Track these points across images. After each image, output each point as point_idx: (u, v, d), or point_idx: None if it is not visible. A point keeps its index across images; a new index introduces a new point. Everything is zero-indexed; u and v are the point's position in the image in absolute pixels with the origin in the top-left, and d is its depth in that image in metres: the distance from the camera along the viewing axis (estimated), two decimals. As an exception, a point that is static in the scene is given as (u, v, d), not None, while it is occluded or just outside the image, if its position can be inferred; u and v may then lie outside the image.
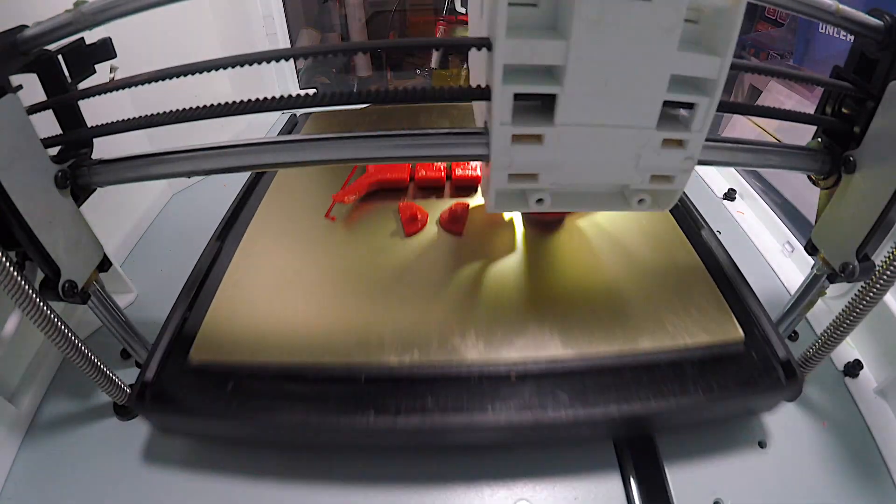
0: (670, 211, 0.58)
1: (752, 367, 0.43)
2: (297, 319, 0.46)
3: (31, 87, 0.36)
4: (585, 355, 0.42)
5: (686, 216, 0.60)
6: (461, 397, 0.40)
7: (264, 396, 0.41)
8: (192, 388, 0.42)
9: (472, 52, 0.44)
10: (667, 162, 0.33)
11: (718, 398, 0.40)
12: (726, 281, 0.50)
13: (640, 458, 0.43)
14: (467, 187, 0.63)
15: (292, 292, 0.49)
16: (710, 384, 0.41)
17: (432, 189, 0.63)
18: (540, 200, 0.35)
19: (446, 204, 0.59)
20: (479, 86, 0.31)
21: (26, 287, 0.34)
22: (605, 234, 0.56)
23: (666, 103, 0.30)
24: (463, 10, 1.44)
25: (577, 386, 0.41)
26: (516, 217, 0.58)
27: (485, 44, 0.29)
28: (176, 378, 0.43)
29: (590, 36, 0.26)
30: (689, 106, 0.31)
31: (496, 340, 0.43)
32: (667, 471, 0.42)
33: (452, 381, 0.41)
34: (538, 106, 0.31)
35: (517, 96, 0.29)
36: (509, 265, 0.51)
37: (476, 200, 0.61)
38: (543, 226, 0.56)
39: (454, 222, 0.56)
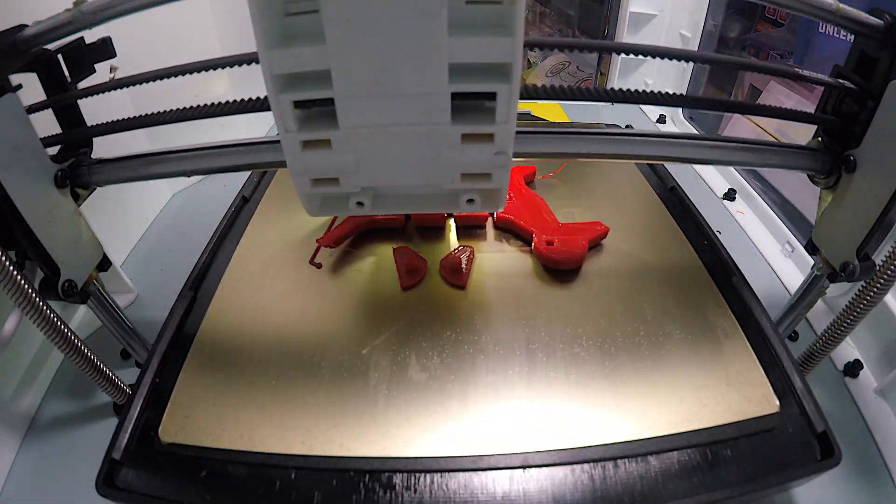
0: (701, 258, 0.50)
1: (787, 444, 0.37)
2: (277, 398, 0.40)
3: (31, 87, 0.36)
4: (606, 443, 0.37)
5: (718, 263, 0.50)
6: (464, 492, 0.35)
7: (241, 489, 0.35)
8: (162, 471, 0.37)
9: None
10: (474, 158, 0.30)
11: (753, 489, 0.35)
12: (762, 341, 0.42)
13: None
14: (471, 227, 0.55)
15: (271, 362, 0.42)
16: (745, 471, 0.35)
17: (432, 229, 0.55)
18: (360, 203, 0.33)
19: (448, 247, 0.52)
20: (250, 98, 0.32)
21: (26, 287, 0.34)
22: (626, 285, 0.49)
23: (461, 96, 0.28)
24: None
25: (597, 477, 0.35)
26: (528, 266, 0.51)
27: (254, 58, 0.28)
28: (146, 459, 0.37)
29: (343, 37, 0.25)
30: (493, 96, 0.28)
31: (503, 428, 0.38)
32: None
33: (454, 474, 0.36)
34: (332, 110, 0.29)
35: (305, 103, 0.29)
36: (518, 328, 0.45)
37: (483, 245, 0.53)
38: (558, 275, 0.50)
39: (455, 274, 0.49)
